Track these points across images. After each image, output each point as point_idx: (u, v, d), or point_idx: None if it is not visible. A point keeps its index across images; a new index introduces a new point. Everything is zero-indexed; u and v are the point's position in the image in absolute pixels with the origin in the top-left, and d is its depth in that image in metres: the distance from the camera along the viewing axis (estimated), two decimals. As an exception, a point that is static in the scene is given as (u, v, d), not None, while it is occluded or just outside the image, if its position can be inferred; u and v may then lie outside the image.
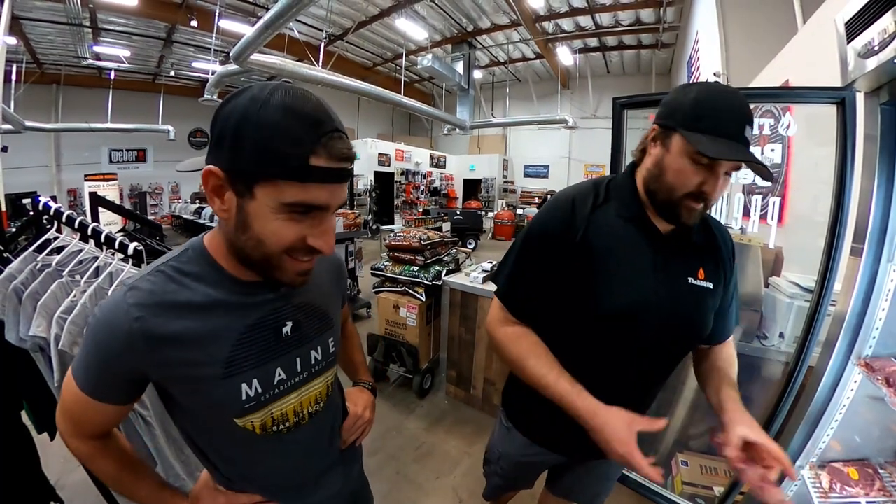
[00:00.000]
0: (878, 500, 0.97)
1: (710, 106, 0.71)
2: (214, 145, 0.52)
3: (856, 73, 0.98)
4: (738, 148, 0.69)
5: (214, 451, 0.70)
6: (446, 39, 9.88)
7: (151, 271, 0.59)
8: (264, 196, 0.51)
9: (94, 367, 0.58)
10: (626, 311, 0.80)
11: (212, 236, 0.62)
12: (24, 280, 1.14)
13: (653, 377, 0.92)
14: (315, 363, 0.72)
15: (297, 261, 0.57)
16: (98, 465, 0.66)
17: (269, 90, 0.50)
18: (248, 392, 0.62)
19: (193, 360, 0.58)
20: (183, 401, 0.62)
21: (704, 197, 0.73)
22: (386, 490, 1.99)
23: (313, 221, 0.55)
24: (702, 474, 1.61)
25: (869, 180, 1.02)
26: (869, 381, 0.97)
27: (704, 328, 0.86)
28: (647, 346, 0.84)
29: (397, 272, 2.76)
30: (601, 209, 0.85)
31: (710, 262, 0.85)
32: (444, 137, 13.37)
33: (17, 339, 1.10)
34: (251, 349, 0.62)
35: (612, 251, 0.82)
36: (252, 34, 5.00)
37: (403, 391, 2.92)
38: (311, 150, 0.49)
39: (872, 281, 0.99)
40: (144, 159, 11.67)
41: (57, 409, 0.64)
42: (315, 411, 0.74)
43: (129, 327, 0.54)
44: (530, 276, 0.88)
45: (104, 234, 1.22)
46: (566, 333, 0.87)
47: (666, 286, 0.81)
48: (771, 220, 1.53)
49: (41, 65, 9.00)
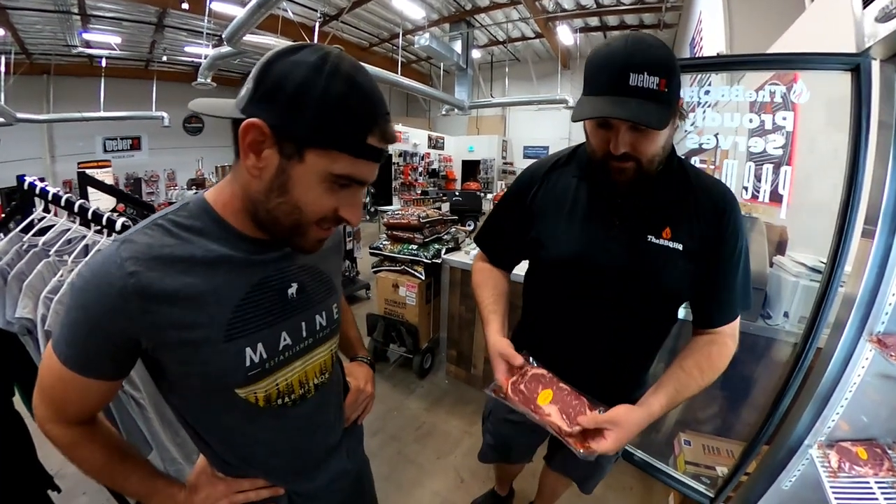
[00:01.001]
0: (887, 479, 0.96)
1: (591, 65, 0.72)
2: (262, 99, 0.49)
3: (872, 38, 0.93)
4: (606, 103, 0.68)
5: (212, 432, 0.66)
6: (444, 18, 9.64)
7: (148, 224, 0.55)
8: (316, 162, 0.50)
9: (80, 334, 0.52)
10: (567, 259, 0.87)
11: (217, 192, 0.59)
12: (9, 261, 1.11)
13: (627, 339, 0.92)
14: (320, 329, 0.69)
15: (322, 230, 0.57)
16: (82, 455, 0.60)
17: (333, 57, 0.49)
18: (252, 357, 0.58)
19: (193, 322, 0.54)
20: (178, 372, 0.57)
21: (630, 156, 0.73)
22: (387, 471, 2.00)
23: (348, 194, 0.55)
24: (704, 454, 1.61)
25: (883, 155, 0.97)
26: (881, 357, 0.94)
27: (672, 290, 0.85)
28: (608, 301, 0.87)
29: (396, 251, 2.74)
30: (559, 170, 0.94)
31: (682, 222, 0.83)
32: (442, 118, 13.19)
33: (3, 322, 1.08)
34: (256, 310, 0.58)
35: (560, 206, 0.89)
36: (244, 15, 4.87)
37: (404, 371, 2.93)
38: (370, 130, 0.50)
39: (887, 254, 0.95)
40: (139, 147, 11.53)
41: (34, 393, 0.58)
42: (321, 383, 0.71)
43: (122, 283, 0.49)
44: (498, 226, 1.04)
45: (91, 210, 1.19)
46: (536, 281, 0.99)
47: (620, 242, 0.83)
48: (782, 190, 1.46)
49: (30, 55, 8.78)
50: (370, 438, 2.22)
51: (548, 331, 0.94)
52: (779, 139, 1.44)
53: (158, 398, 1.20)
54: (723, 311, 0.86)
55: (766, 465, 1.17)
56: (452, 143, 13.50)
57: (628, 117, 0.67)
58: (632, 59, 0.67)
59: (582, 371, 0.83)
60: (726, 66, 1.51)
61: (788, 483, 1.12)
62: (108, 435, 0.64)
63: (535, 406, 0.78)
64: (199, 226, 0.56)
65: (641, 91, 0.66)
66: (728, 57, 2.28)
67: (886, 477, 0.97)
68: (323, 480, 0.76)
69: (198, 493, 0.66)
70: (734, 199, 0.85)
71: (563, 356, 0.87)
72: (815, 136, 1.41)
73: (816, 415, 1.05)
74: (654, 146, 0.74)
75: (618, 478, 1.92)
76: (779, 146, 1.45)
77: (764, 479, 1.16)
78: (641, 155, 0.73)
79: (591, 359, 0.92)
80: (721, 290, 0.85)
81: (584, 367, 0.87)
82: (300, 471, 0.73)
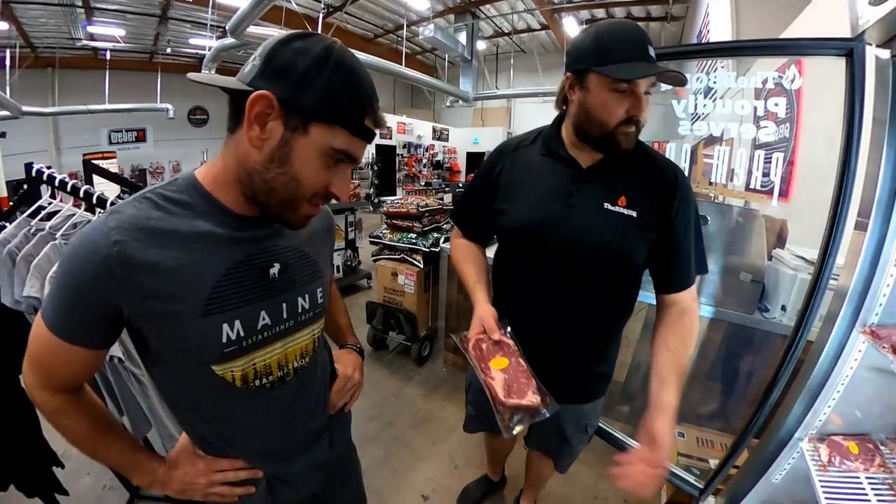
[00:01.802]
0: (877, 475, 0.95)
1: (612, 39, 0.80)
2: (272, 75, 0.52)
3: (865, 21, 0.91)
4: (647, 66, 0.77)
5: (191, 407, 0.67)
6: (449, 9, 9.54)
7: (137, 197, 0.57)
8: (319, 135, 0.53)
9: (66, 301, 0.54)
10: (528, 227, 0.94)
11: (207, 168, 0.61)
12: (17, 244, 1.16)
13: (588, 307, 0.96)
14: (302, 312, 0.69)
15: (312, 206, 0.60)
16: (67, 423, 0.61)
17: (338, 48, 0.54)
18: (228, 334, 0.59)
19: (172, 294, 0.55)
20: (158, 345, 0.59)
21: (635, 120, 0.82)
22: (383, 455, 2.03)
23: (339, 171, 0.58)
24: (698, 446, 1.62)
25: (878, 142, 0.95)
26: (875, 350, 0.92)
27: (626, 254, 0.91)
28: (568, 269, 0.93)
29: (395, 239, 2.77)
30: (526, 148, 1.02)
31: (636, 192, 0.90)
32: (446, 110, 13.10)
33: (12, 301, 1.12)
34: (235, 287, 0.59)
35: (524, 179, 0.97)
36: (247, 6, 4.86)
37: (402, 359, 2.97)
38: (366, 111, 0.56)
39: (880, 246, 0.93)
40: (144, 139, 11.57)
41: (24, 360, 0.60)
42: (301, 366, 0.71)
43: (107, 252, 0.51)
44: (470, 203, 1.12)
45: (95, 195, 1.24)
46: (503, 253, 1.06)
47: (578, 210, 0.90)
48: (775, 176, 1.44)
49: (35, 49, 8.79)
50: (367, 423, 2.25)
51: (514, 301, 0.99)
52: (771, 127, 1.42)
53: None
54: (682, 275, 0.94)
55: (756, 458, 1.16)
56: (457, 134, 13.44)
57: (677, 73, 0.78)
58: (645, 35, 0.80)
59: (547, 341, 0.88)
60: (719, 52, 1.49)
61: (779, 477, 1.11)
62: (93, 405, 0.65)
63: (486, 366, 0.83)
64: (186, 200, 0.57)
65: (653, 59, 0.78)
66: (720, 43, 2.25)
67: (877, 473, 0.95)
68: (302, 466, 0.76)
69: (177, 468, 0.68)
70: (684, 174, 0.94)
71: (528, 327, 0.92)
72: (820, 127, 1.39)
73: (807, 408, 1.04)
74: (648, 110, 0.84)
75: (608, 463, 1.93)
76: (774, 135, 1.43)
77: (754, 472, 1.16)
78: (642, 118, 0.83)
79: (555, 328, 0.96)
80: (678, 256, 0.93)
81: (548, 336, 0.92)
82: (279, 455, 0.73)
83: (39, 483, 1.41)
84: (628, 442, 1.70)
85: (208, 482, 0.68)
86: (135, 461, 0.67)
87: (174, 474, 0.68)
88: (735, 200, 1.65)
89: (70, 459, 1.66)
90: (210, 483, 0.68)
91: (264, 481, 0.73)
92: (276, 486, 0.74)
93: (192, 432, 0.70)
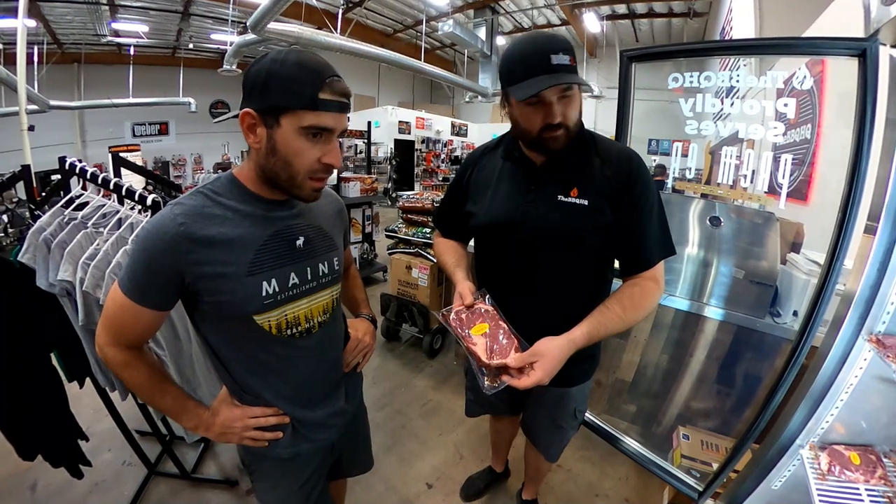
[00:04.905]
0: (877, 488, 0.92)
1: (515, 58, 0.86)
2: (247, 95, 0.68)
3: (879, 21, 0.90)
4: (544, 79, 0.81)
5: (233, 356, 0.81)
6: (468, 5, 9.51)
7: (192, 193, 0.75)
8: (288, 123, 0.67)
9: (140, 271, 0.70)
10: (494, 224, 1.04)
11: (240, 169, 0.78)
12: (52, 231, 1.25)
13: (556, 293, 1.03)
14: (322, 275, 0.85)
15: (315, 180, 0.73)
16: (130, 374, 0.77)
17: (285, 52, 0.68)
18: (266, 289, 0.75)
19: (224, 260, 0.71)
20: (210, 301, 0.73)
21: (555, 125, 0.87)
22: (391, 443, 2.09)
23: (323, 143, 0.70)
24: (702, 449, 1.60)
25: (890, 144, 0.92)
26: (880, 359, 0.90)
27: (581, 239, 0.97)
28: (530, 250, 1.01)
29: (410, 233, 2.84)
30: (489, 154, 1.13)
31: (587, 183, 0.96)
32: (465, 105, 13.09)
33: (46, 284, 1.22)
34: (271, 254, 0.76)
35: (488, 182, 1.07)
36: (268, 3, 4.93)
37: (414, 350, 3.03)
38: (319, 88, 0.66)
39: (889, 252, 0.91)
40: (167, 132, 11.90)
41: (98, 324, 0.76)
42: (324, 321, 0.87)
43: (175, 231, 0.68)
44: (446, 207, 1.23)
45: (125, 187, 1.32)
46: (478, 249, 1.17)
47: (536, 205, 0.98)
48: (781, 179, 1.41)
49: (61, 45, 9.14)
50: (377, 411, 2.31)
51: (495, 289, 1.03)
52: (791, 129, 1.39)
53: (180, 357, 1.37)
54: (642, 258, 0.99)
55: (756, 463, 1.15)
56: (476, 130, 13.40)
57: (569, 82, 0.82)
58: (549, 44, 0.83)
59: (526, 323, 0.92)
60: (731, 50, 1.47)
61: (778, 483, 1.10)
62: (151, 361, 0.81)
63: (467, 334, 0.88)
64: (229, 192, 0.75)
65: (561, 66, 0.82)
66: (733, 41, 2.19)
67: (878, 485, 0.92)
68: (323, 413, 0.91)
69: (219, 415, 0.83)
70: (641, 161, 0.98)
71: (508, 310, 0.96)
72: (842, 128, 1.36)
73: (809, 414, 1.03)
74: (576, 111, 0.90)
75: (615, 467, 1.94)
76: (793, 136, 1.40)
77: (753, 477, 1.15)
78: (569, 120, 0.88)
79: (532, 310, 1.01)
80: (638, 240, 0.97)
81: (527, 318, 0.95)
82: (304, 401, 0.88)
83: (65, 454, 1.50)
84: (631, 443, 1.71)
85: (244, 426, 0.82)
86: (184, 406, 0.82)
87: (216, 419, 0.82)
88: (750, 203, 1.63)
89: (93, 436, 1.75)
90: (245, 427, 0.82)
91: (290, 428, 0.87)
92: (300, 431, 0.88)
93: (230, 383, 0.84)
